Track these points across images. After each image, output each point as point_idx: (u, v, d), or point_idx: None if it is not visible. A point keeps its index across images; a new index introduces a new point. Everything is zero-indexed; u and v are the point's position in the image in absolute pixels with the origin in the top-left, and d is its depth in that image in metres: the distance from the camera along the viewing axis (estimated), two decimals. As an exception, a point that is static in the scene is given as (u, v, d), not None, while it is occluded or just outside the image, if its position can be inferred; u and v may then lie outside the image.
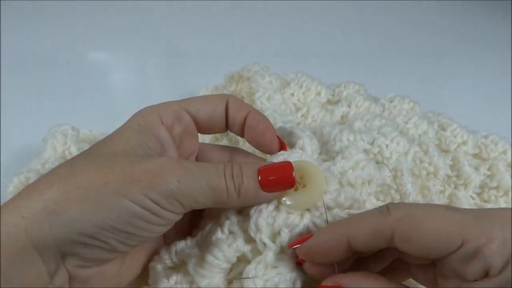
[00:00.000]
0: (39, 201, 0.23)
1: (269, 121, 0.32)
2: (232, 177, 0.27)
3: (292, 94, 0.52)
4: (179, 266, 0.30)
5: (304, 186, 0.29)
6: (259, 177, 0.27)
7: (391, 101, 0.50)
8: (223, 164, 0.28)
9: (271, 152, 0.32)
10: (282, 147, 0.33)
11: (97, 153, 0.27)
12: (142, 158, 0.26)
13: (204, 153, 0.35)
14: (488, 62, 0.86)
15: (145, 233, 0.26)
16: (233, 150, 0.35)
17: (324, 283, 0.25)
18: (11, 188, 0.38)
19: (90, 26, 0.87)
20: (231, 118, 0.32)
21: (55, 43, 0.80)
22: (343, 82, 0.55)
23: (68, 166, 0.26)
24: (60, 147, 0.39)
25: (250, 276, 0.28)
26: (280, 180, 0.28)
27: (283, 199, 0.29)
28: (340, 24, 0.97)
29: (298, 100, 0.51)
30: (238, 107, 0.32)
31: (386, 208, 0.24)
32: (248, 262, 0.29)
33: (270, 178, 0.27)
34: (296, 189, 0.29)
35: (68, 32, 0.84)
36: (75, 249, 0.24)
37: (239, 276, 0.29)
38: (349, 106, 0.50)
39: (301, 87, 0.52)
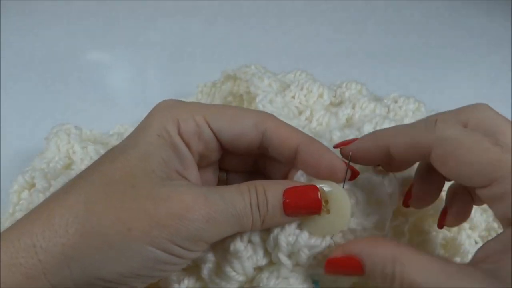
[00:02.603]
0: (57, 244, 0.22)
1: (323, 147, 0.27)
2: (258, 206, 0.25)
3: (293, 97, 0.50)
4: (192, 268, 0.30)
5: (328, 211, 0.27)
6: (284, 199, 0.26)
7: (396, 101, 0.49)
8: (247, 187, 0.26)
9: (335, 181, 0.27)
10: (352, 174, 0.28)
11: (112, 175, 0.24)
12: (165, 186, 0.24)
13: None
14: (488, 62, 0.86)
15: (165, 274, 0.25)
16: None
17: (334, 255, 0.25)
18: (16, 187, 0.38)
19: (90, 26, 0.86)
20: (272, 150, 0.28)
21: (55, 43, 0.80)
22: (343, 81, 0.54)
23: (82, 197, 0.24)
24: (64, 146, 0.39)
25: (261, 285, 0.27)
26: (305, 207, 0.26)
27: (304, 224, 0.27)
28: (340, 23, 0.97)
29: (300, 103, 0.49)
30: (284, 137, 0.27)
31: (434, 123, 0.23)
32: (261, 269, 0.29)
33: (295, 204, 0.26)
34: (319, 214, 0.27)
35: (68, 32, 0.84)
36: None
37: (250, 284, 0.29)
38: (353, 108, 0.48)
39: (302, 89, 0.50)
